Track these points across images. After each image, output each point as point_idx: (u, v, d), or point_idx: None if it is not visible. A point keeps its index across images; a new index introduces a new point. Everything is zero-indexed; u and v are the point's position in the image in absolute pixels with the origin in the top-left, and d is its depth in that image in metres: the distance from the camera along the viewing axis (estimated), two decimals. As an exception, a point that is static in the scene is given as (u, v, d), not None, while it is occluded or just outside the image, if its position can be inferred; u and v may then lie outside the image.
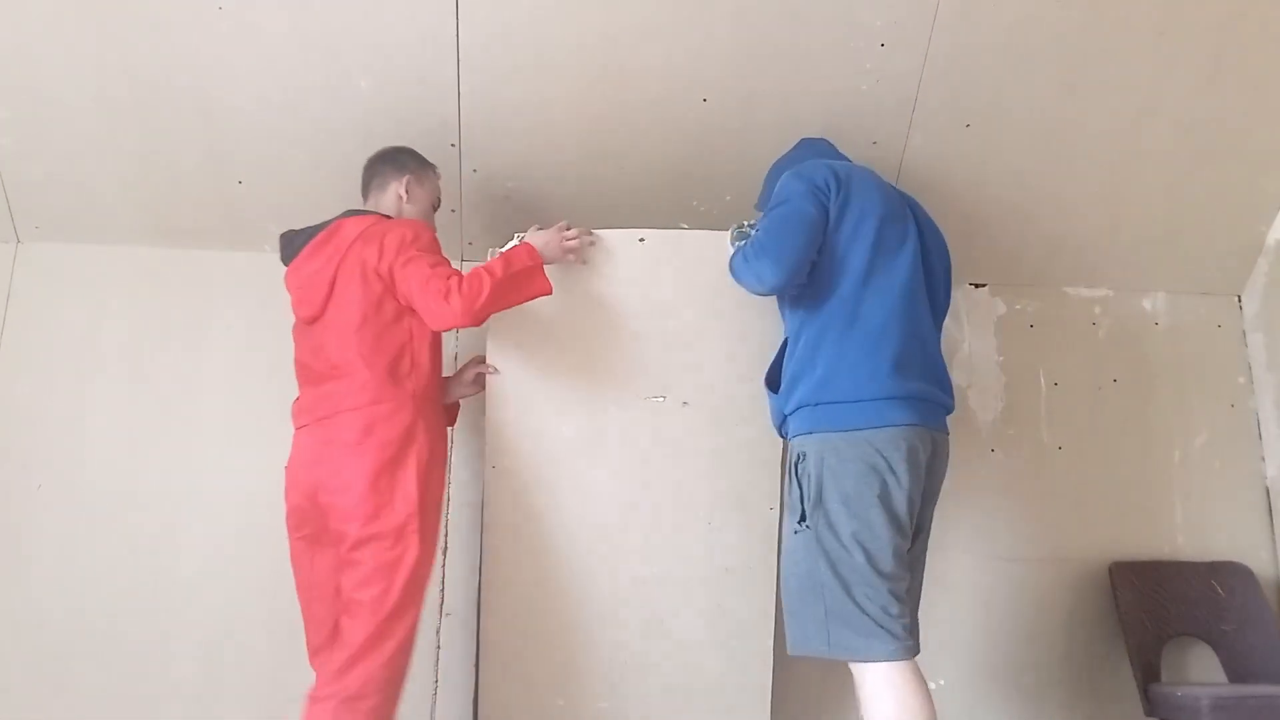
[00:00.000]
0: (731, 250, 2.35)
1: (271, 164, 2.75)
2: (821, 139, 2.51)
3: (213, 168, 2.77)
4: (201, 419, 2.81)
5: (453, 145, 2.74)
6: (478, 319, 2.27)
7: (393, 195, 2.49)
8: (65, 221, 2.87)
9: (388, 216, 2.45)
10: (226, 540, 2.71)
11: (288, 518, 2.33)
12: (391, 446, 2.23)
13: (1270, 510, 3.04)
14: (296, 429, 2.37)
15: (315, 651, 2.29)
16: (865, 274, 2.12)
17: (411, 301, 2.28)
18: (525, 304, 2.36)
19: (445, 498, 2.43)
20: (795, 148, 2.51)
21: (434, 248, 2.37)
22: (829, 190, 2.17)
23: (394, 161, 2.53)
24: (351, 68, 2.60)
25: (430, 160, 2.58)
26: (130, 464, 2.78)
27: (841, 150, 2.52)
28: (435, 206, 2.60)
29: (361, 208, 2.51)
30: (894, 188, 2.37)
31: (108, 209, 2.84)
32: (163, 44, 2.54)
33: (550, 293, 2.36)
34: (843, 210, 2.16)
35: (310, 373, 2.37)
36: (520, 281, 2.32)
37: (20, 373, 2.82)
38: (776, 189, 2.23)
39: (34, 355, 2.83)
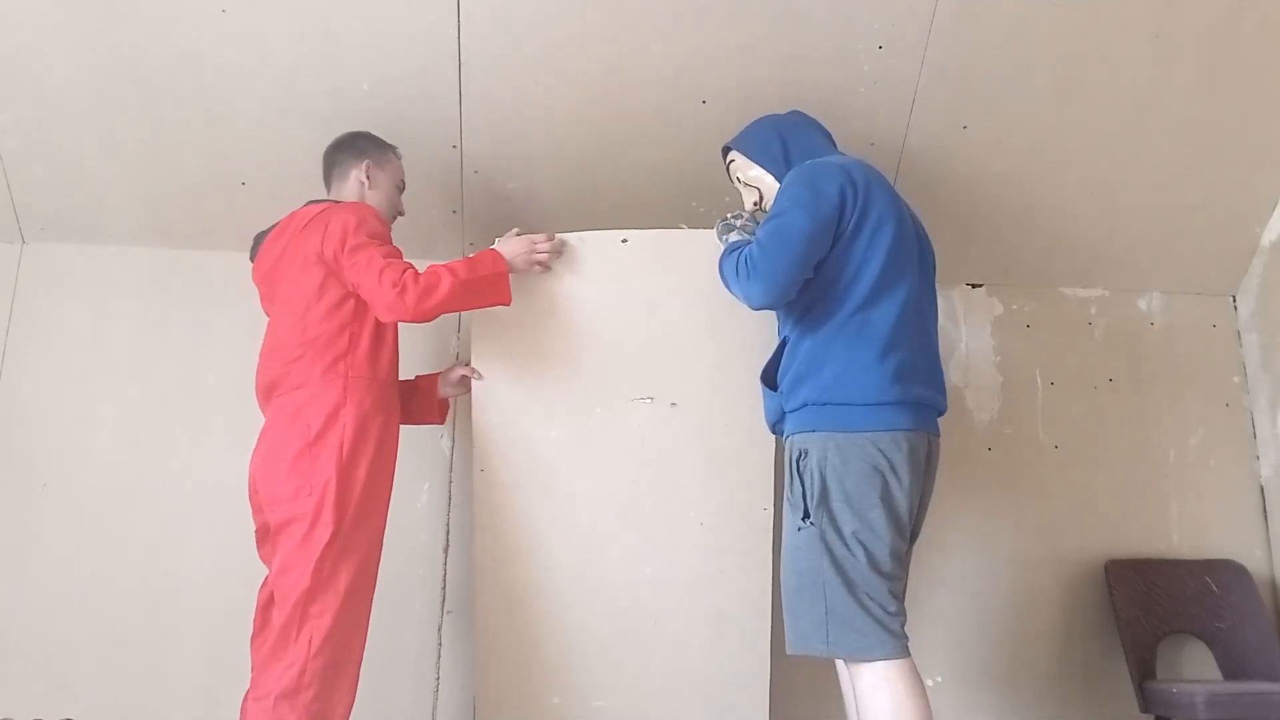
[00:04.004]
0: (721, 244, 2.31)
1: (274, 166, 2.77)
2: (814, 120, 2.43)
3: (216, 169, 2.79)
4: (205, 419, 2.83)
5: (454, 146, 2.76)
6: (428, 317, 2.25)
7: (354, 182, 2.46)
8: (69, 222, 2.88)
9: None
10: (230, 539, 2.71)
11: (250, 509, 2.33)
12: (313, 429, 2.18)
13: (1264, 508, 3.06)
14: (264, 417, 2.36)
15: (252, 637, 2.26)
16: (879, 282, 2.09)
17: (360, 290, 2.24)
18: (512, 305, 2.37)
19: (386, 489, 2.31)
20: (788, 114, 2.44)
21: (383, 233, 2.33)
22: (842, 199, 2.10)
23: (351, 148, 2.49)
24: (353, 70, 2.61)
25: (389, 142, 2.54)
26: (134, 463, 2.80)
27: (839, 150, 2.50)
28: (400, 189, 2.55)
29: (324, 198, 2.48)
30: (896, 191, 2.32)
31: (112, 210, 2.86)
32: (166, 46, 2.55)
33: (509, 303, 2.35)
34: (861, 220, 2.10)
35: (263, 361, 2.36)
36: (481, 287, 2.31)
37: (25, 373, 2.84)
38: (780, 190, 2.19)
39: (39, 355, 2.85)
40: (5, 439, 2.80)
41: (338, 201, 2.42)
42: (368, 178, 2.46)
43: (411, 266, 2.24)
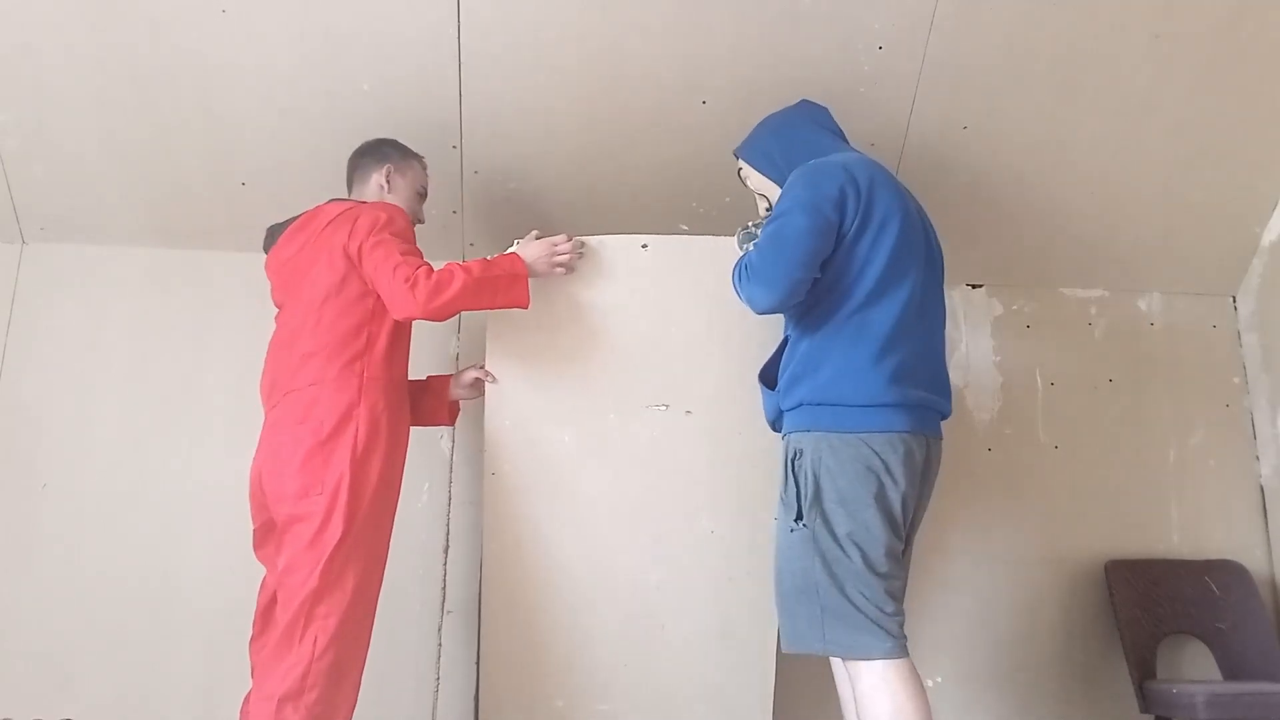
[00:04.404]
0: (740, 253, 2.30)
1: (274, 165, 2.77)
2: (822, 107, 2.41)
3: (216, 169, 2.78)
4: (204, 418, 2.83)
5: (454, 147, 2.76)
6: (440, 314, 2.23)
7: (374, 186, 2.47)
8: (69, 222, 2.88)
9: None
10: (229, 539, 2.71)
11: (250, 508, 2.32)
12: (326, 427, 2.17)
13: (1264, 509, 3.06)
14: (265, 413, 2.34)
15: (251, 640, 2.27)
16: (880, 283, 2.07)
17: (376, 285, 2.23)
18: (526, 310, 2.36)
19: (394, 490, 2.30)
20: (794, 108, 2.41)
21: (408, 234, 2.34)
22: (842, 198, 2.08)
23: (375, 153, 2.51)
24: (354, 70, 2.61)
25: (417, 152, 2.56)
26: (134, 463, 2.80)
27: (847, 142, 2.45)
28: (421, 196, 2.56)
29: (347, 198, 2.50)
30: (904, 187, 2.29)
31: (111, 210, 2.86)
32: (166, 46, 2.55)
33: (526, 306, 2.33)
34: (865, 220, 2.08)
35: (273, 355, 2.36)
36: (496, 287, 2.29)
37: (25, 373, 2.84)
38: (782, 192, 2.17)
39: (39, 355, 2.85)
40: (5, 439, 2.80)
41: (364, 201, 2.43)
42: (387, 181, 2.48)
43: (427, 264, 2.23)
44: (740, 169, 2.41)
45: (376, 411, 2.22)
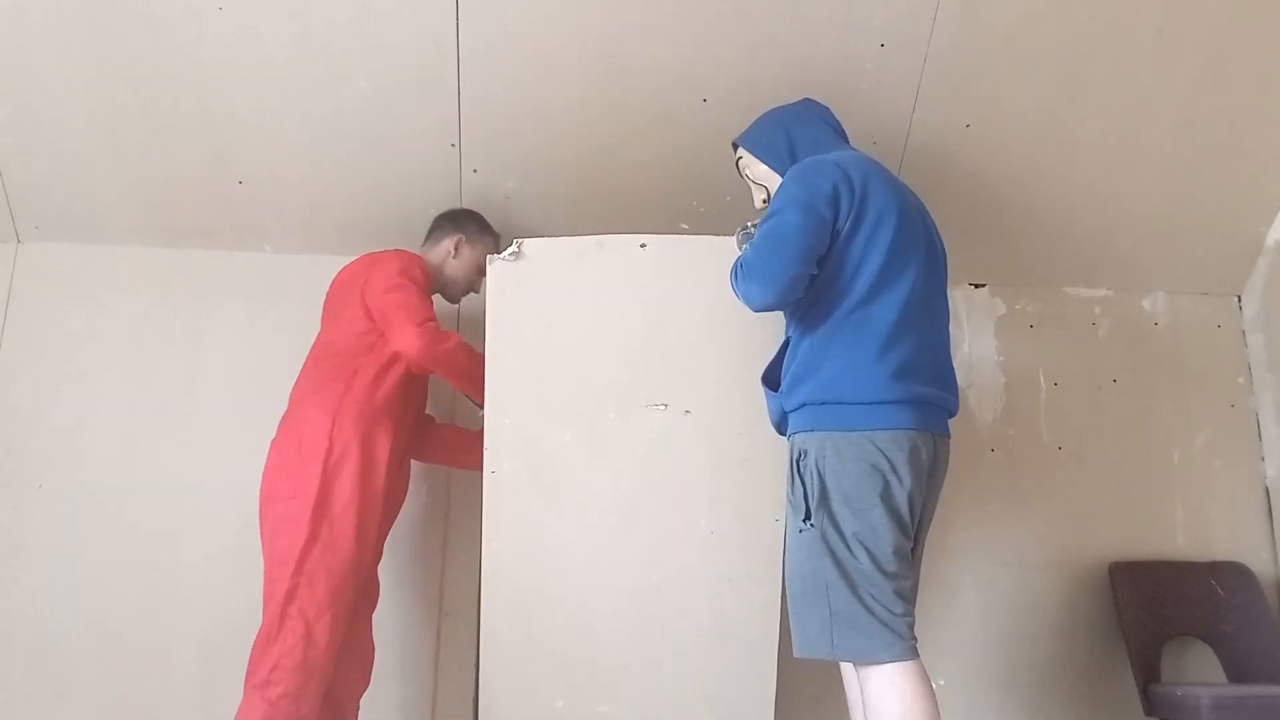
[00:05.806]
0: (739, 253, 2.28)
1: (271, 164, 2.76)
2: (825, 106, 2.40)
3: (213, 168, 2.78)
4: (201, 418, 2.82)
5: (453, 145, 2.75)
6: (432, 361, 2.41)
7: (443, 249, 2.71)
8: (66, 222, 2.88)
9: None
10: (226, 540, 2.71)
11: None
12: (306, 439, 2.37)
13: (1270, 510, 3.04)
14: None
15: None
16: (878, 279, 2.06)
17: (387, 322, 2.43)
18: (527, 307, 2.39)
19: (374, 507, 2.42)
20: (799, 103, 2.41)
21: (421, 283, 2.53)
22: (835, 195, 2.07)
23: (454, 220, 2.75)
24: (351, 68, 2.60)
25: (494, 230, 2.76)
26: (130, 464, 2.79)
27: (849, 142, 2.44)
28: (482, 272, 2.66)
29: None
30: (903, 183, 2.28)
31: (108, 209, 2.86)
32: (163, 44, 2.55)
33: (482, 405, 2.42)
34: (859, 218, 2.07)
35: (303, 368, 2.55)
36: (478, 374, 2.38)
37: (21, 372, 2.84)
38: (778, 190, 2.16)
39: (34, 355, 2.85)
40: (1, 439, 2.78)
41: (399, 250, 2.63)
42: (455, 249, 2.71)
43: (435, 319, 2.45)
44: (740, 159, 2.40)
45: (347, 431, 2.38)
